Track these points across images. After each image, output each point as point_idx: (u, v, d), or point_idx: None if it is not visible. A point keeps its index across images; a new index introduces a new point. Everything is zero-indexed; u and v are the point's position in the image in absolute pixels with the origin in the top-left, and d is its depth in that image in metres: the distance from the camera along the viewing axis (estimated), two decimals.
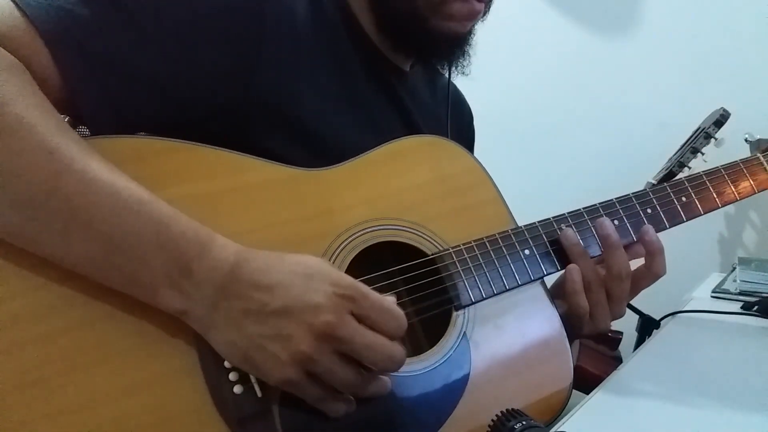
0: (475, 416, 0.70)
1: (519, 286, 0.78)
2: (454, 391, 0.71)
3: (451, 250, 0.76)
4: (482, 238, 0.78)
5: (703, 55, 1.89)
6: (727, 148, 1.49)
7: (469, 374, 0.72)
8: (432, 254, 0.76)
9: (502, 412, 0.63)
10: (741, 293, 1.31)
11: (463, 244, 0.77)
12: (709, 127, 1.61)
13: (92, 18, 0.66)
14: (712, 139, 1.62)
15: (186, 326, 0.62)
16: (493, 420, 0.63)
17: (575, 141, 2.08)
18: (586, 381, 0.99)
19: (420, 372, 0.70)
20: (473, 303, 0.75)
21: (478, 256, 0.77)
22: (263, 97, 0.74)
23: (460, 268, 0.76)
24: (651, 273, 0.84)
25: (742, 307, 1.15)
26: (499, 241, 0.79)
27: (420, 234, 0.76)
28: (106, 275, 0.60)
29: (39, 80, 0.63)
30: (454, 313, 0.75)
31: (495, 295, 0.76)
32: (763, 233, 1.85)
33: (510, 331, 0.77)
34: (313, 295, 0.59)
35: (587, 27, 2.08)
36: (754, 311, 1.12)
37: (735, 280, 1.40)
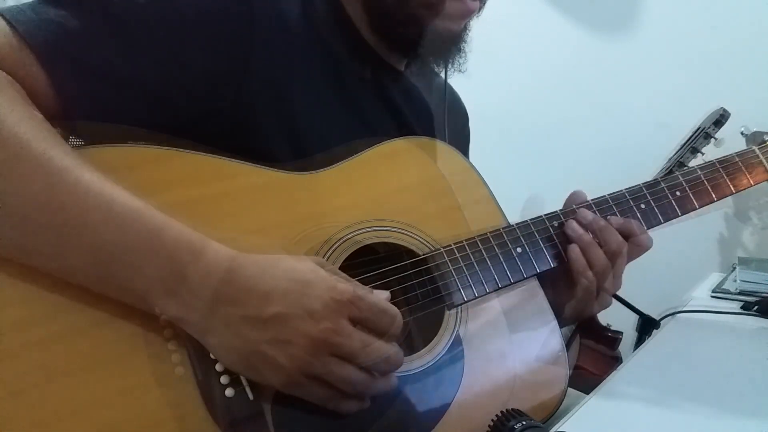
0: (469, 415, 0.71)
1: (512, 284, 0.78)
2: (448, 389, 0.71)
3: (442, 250, 0.76)
4: (474, 238, 0.78)
5: (703, 54, 1.88)
6: (727, 148, 1.49)
7: (462, 373, 0.72)
8: (423, 254, 0.76)
9: (502, 411, 0.64)
10: (741, 293, 1.31)
11: (455, 244, 0.77)
12: (709, 127, 1.60)
13: (82, 30, 0.67)
14: (712, 139, 1.62)
15: (177, 331, 0.62)
16: (493, 420, 0.64)
17: (574, 140, 2.08)
18: (585, 381, 0.99)
19: (413, 371, 0.70)
20: (465, 302, 0.75)
21: (470, 255, 0.77)
22: (254, 100, 0.74)
23: (451, 268, 0.75)
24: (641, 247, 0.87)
25: (742, 307, 1.15)
26: (491, 239, 0.79)
27: (412, 235, 0.76)
28: (101, 284, 0.60)
29: (31, 94, 0.63)
30: (447, 313, 0.75)
31: (487, 293, 0.76)
32: (762, 233, 1.84)
33: (503, 328, 0.77)
34: (310, 301, 0.60)
35: (586, 26, 2.07)
36: (754, 311, 1.11)
37: (735, 280, 1.39)
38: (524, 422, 0.61)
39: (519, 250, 0.79)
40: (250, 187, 0.71)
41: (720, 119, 1.59)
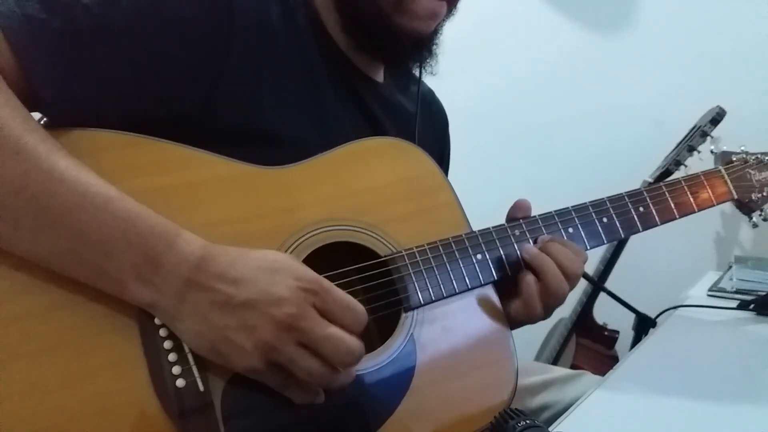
0: (417, 416, 0.72)
1: (469, 289, 0.79)
2: (397, 391, 0.73)
3: (403, 253, 0.77)
4: (435, 242, 0.79)
5: (700, 53, 1.87)
6: (723, 146, 1.49)
7: (413, 375, 0.74)
8: (384, 256, 0.77)
9: (501, 412, 0.65)
10: (737, 292, 1.32)
11: (416, 247, 0.78)
12: (706, 125, 1.60)
13: (64, 30, 0.67)
14: (709, 137, 1.61)
15: (132, 318, 0.64)
16: (494, 418, 0.65)
17: (572, 139, 2.08)
18: None
19: (365, 371, 0.72)
20: (422, 305, 0.77)
21: (431, 259, 0.78)
22: (223, 102, 0.76)
23: (411, 271, 0.77)
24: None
25: (738, 306, 1.16)
26: (452, 245, 0.80)
27: (374, 236, 0.78)
28: (75, 270, 0.62)
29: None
30: (403, 315, 0.76)
31: (444, 297, 0.78)
32: (759, 231, 1.83)
33: (457, 333, 0.78)
34: (277, 288, 0.62)
35: (584, 25, 2.07)
36: (751, 309, 1.13)
37: (731, 279, 1.40)
38: (525, 422, 0.62)
39: (479, 256, 0.80)
40: (215, 179, 0.72)
41: (716, 117, 1.58)
